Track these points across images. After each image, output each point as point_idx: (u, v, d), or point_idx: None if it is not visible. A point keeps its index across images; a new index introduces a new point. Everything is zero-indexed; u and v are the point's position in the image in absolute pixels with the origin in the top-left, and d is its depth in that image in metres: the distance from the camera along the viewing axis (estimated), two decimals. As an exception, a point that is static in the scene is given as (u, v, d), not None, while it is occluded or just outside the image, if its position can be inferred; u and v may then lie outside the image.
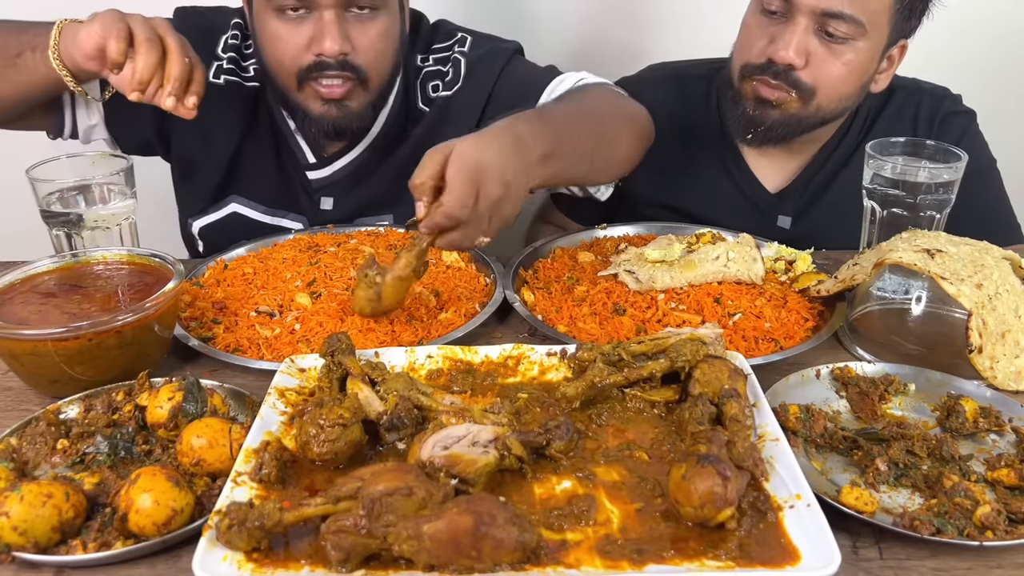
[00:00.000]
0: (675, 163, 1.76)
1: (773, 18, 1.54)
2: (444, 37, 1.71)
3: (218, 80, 1.63)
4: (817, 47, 1.52)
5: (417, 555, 0.77)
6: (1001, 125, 1.84)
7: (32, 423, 1.01)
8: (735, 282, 1.33)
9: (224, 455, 0.92)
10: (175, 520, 0.85)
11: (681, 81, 1.81)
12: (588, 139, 1.36)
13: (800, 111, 1.57)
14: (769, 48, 1.54)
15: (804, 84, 1.53)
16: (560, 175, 1.32)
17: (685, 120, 1.76)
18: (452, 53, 1.67)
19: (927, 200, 1.34)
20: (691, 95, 1.79)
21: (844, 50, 1.51)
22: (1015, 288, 1.19)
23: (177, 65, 1.29)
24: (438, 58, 1.69)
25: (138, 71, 1.27)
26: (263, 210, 1.71)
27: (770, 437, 0.94)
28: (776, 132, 1.60)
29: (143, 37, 1.28)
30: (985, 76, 2.21)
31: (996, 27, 2.27)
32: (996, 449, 1.01)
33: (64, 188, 1.34)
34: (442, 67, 1.67)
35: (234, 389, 1.07)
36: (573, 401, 1.02)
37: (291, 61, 1.48)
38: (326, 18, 1.43)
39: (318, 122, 1.53)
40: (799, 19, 1.50)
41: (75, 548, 0.83)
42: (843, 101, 1.59)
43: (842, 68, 1.53)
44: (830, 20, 1.49)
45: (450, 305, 1.31)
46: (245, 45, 1.66)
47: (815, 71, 1.53)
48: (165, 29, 1.31)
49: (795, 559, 0.78)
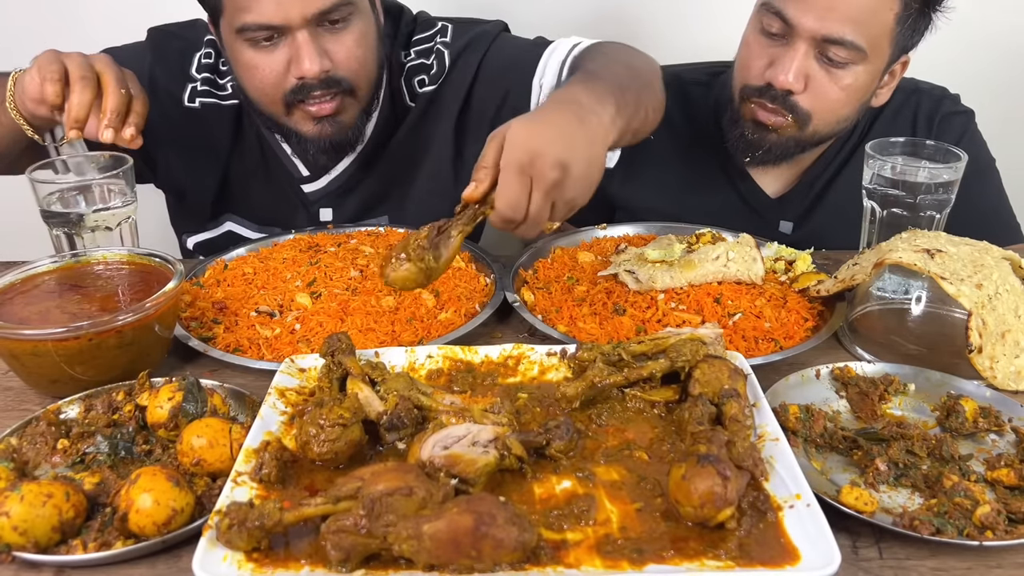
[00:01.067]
0: (674, 170, 1.76)
1: (773, 40, 1.53)
2: (424, 27, 1.67)
3: (193, 104, 1.61)
4: (817, 71, 1.50)
5: (417, 555, 0.77)
6: (1000, 125, 1.84)
7: (32, 423, 1.01)
8: (735, 282, 1.33)
9: (224, 455, 0.92)
10: (175, 520, 0.85)
11: (679, 86, 1.80)
12: (635, 87, 1.32)
13: (797, 134, 1.57)
14: (768, 72, 1.53)
15: (801, 109, 1.53)
16: (628, 128, 1.26)
17: (683, 127, 1.76)
18: (435, 44, 1.65)
19: (927, 200, 1.34)
20: (689, 102, 1.78)
21: (843, 75, 1.50)
22: (1015, 288, 1.19)
23: (113, 98, 1.28)
24: (420, 50, 1.65)
25: (72, 109, 1.28)
26: (257, 228, 1.71)
27: (770, 437, 0.94)
28: (774, 154, 1.60)
29: (77, 76, 1.28)
30: (981, 76, 2.21)
31: (991, 27, 2.27)
32: (996, 449, 1.01)
33: (64, 188, 1.34)
34: (425, 60, 1.64)
35: (234, 389, 1.07)
36: (573, 401, 1.02)
37: (273, 88, 1.45)
38: (300, 39, 1.39)
39: (315, 142, 1.51)
40: (799, 44, 1.48)
41: (75, 548, 0.83)
42: (840, 123, 1.58)
43: (840, 93, 1.52)
44: (830, 46, 1.47)
45: (450, 305, 1.31)
46: (221, 62, 1.63)
47: (813, 96, 1.52)
48: (103, 64, 1.31)
49: (795, 559, 0.78)
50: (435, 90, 1.63)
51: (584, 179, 1.09)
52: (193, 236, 1.73)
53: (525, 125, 1.06)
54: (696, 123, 1.76)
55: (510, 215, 1.05)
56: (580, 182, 1.09)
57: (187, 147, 1.57)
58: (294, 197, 1.69)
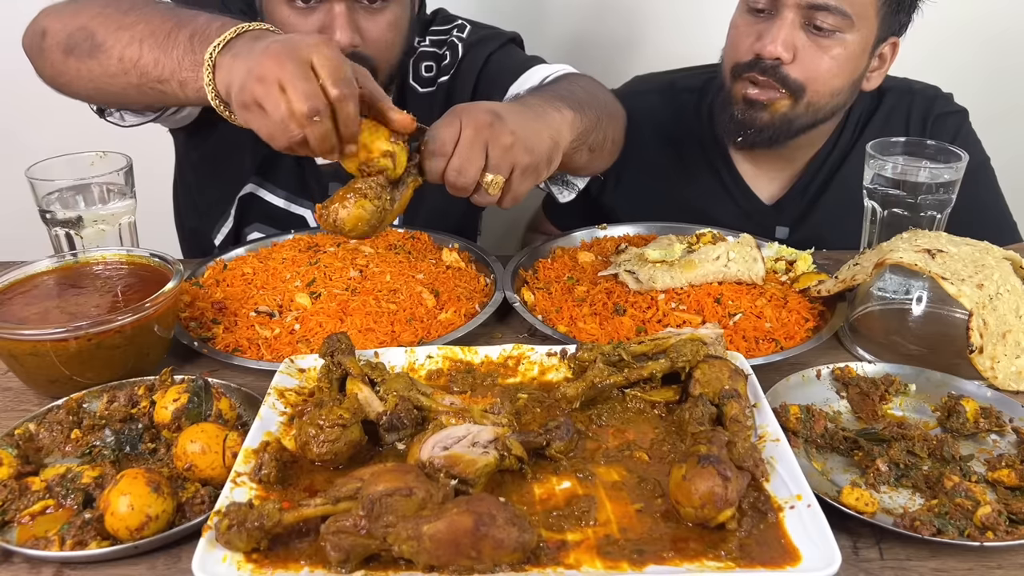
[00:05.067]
0: (667, 176, 1.76)
1: (760, 16, 1.55)
2: (443, 21, 1.72)
3: None
4: (804, 41, 1.51)
5: (417, 555, 0.77)
6: (995, 125, 1.84)
7: (53, 410, 1.03)
8: (735, 282, 1.33)
9: (216, 462, 0.92)
10: (148, 527, 0.84)
11: (672, 93, 1.81)
12: (596, 107, 1.36)
13: (790, 111, 1.56)
14: (756, 44, 1.54)
15: (793, 80, 1.53)
16: (584, 138, 1.31)
17: (677, 132, 1.77)
18: (450, 37, 1.69)
19: (928, 200, 1.34)
20: (683, 107, 1.78)
21: (832, 44, 1.51)
22: (1016, 288, 1.19)
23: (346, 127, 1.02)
24: (435, 40, 1.70)
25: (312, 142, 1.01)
26: (280, 193, 1.70)
27: (770, 437, 0.94)
28: (766, 135, 1.59)
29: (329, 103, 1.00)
30: (978, 76, 2.21)
31: (987, 27, 2.27)
32: (997, 449, 1.01)
33: (64, 188, 1.34)
34: (438, 50, 1.69)
35: (248, 393, 1.06)
36: (573, 401, 1.02)
37: None
38: (336, 10, 1.41)
39: None
40: (785, 13, 1.50)
41: (53, 544, 0.84)
42: (834, 97, 1.58)
43: (831, 62, 1.52)
44: (816, 13, 1.49)
45: (450, 305, 1.31)
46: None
47: (803, 66, 1.52)
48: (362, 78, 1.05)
49: (795, 559, 0.78)
50: (449, 80, 1.67)
51: (537, 152, 1.14)
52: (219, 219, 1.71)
53: (487, 103, 1.14)
54: (689, 127, 1.77)
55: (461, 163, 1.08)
56: (534, 154, 1.13)
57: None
58: (308, 168, 1.70)
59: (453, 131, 1.09)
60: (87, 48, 1.22)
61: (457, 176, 1.09)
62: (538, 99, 1.26)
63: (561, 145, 1.21)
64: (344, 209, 1.03)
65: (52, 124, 1.98)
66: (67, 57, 1.25)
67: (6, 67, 1.38)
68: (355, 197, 1.03)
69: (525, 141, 1.12)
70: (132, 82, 1.20)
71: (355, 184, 1.04)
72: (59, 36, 1.26)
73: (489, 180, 1.10)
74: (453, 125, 1.09)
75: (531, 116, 1.18)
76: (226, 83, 1.06)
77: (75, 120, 1.68)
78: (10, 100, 2.24)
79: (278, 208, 1.69)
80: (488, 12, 1.96)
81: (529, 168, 1.13)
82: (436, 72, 1.69)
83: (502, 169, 1.11)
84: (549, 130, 1.19)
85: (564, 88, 1.38)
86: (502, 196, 1.13)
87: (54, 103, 1.42)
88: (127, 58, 1.18)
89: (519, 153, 1.11)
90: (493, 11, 2.11)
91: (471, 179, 1.09)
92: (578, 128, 1.27)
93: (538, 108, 1.21)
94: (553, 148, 1.18)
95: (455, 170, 1.09)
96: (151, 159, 1.71)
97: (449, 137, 1.08)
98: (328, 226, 1.04)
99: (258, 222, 1.70)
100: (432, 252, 1.48)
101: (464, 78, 1.67)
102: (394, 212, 1.08)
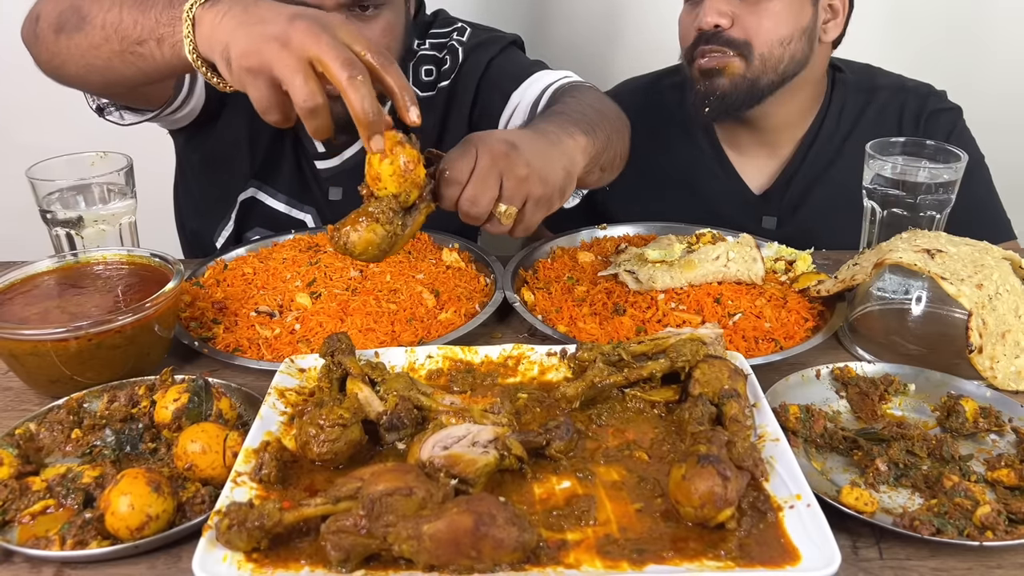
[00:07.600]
0: (656, 169, 1.77)
1: (696, 3, 1.60)
2: (443, 24, 1.72)
3: None
4: (739, 6, 1.56)
5: (417, 555, 0.77)
6: (991, 124, 1.84)
7: (54, 410, 1.03)
8: (735, 282, 1.33)
9: (216, 462, 0.92)
10: (148, 527, 0.84)
11: (656, 91, 1.84)
12: (605, 127, 1.37)
13: (747, 71, 1.59)
14: (695, 24, 1.60)
15: (737, 40, 1.57)
16: (596, 160, 1.32)
17: (664, 129, 1.79)
18: (450, 40, 1.69)
19: (927, 200, 1.34)
20: (668, 104, 1.81)
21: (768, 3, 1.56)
22: (1015, 288, 1.19)
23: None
24: (435, 43, 1.70)
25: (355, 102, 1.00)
26: (280, 197, 1.70)
27: (770, 437, 0.94)
28: (731, 100, 1.61)
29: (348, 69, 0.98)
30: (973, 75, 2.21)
31: (984, 27, 2.27)
32: (996, 449, 1.01)
33: (64, 188, 1.34)
34: (437, 53, 1.69)
35: (249, 393, 1.06)
36: (573, 401, 1.02)
37: None
38: None
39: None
40: None
41: (53, 544, 0.84)
42: (785, 46, 1.59)
43: (771, 18, 1.56)
44: None
45: (450, 305, 1.31)
46: None
47: (743, 25, 1.57)
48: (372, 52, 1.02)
49: (795, 559, 0.78)
50: (450, 85, 1.67)
51: (551, 183, 1.13)
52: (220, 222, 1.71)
53: (503, 132, 1.13)
54: (676, 123, 1.79)
55: (475, 193, 1.07)
56: (548, 185, 1.12)
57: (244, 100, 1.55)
58: (309, 171, 1.70)
59: (469, 160, 1.08)
60: (75, 22, 1.22)
61: (471, 205, 1.09)
62: (552, 125, 1.25)
63: (574, 174, 1.21)
64: (356, 232, 1.03)
65: (52, 124, 1.98)
66: (58, 36, 1.25)
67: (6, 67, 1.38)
68: (367, 221, 1.03)
69: (540, 172, 1.12)
70: (115, 49, 1.18)
71: (367, 207, 1.05)
72: (51, 17, 1.26)
73: (502, 210, 1.10)
74: (469, 154, 1.09)
75: (546, 144, 1.18)
76: (220, 42, 1.01)
77: (75, 120, 1.68)
78: (10, 100, 2.24)
79: (279, 212, 1.69)
80: (488, 12, 1.97)
81: (543, 199, 1.13)
82: (436, 76, 1.68)
83: (515, 200, 1.10)
84: (563, 159, 1.18)
85: (575, 109, 1.38)
86: (514, 226, 1.13)
87: (54, 103, 1.42)
88: (108, 23, 1.17)
89: (533, 184, 1.11)
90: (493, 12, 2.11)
91: (484, 208, 1.09)
92: (590, 153, 1.27)
93: (552, 136, 1.21)
94: (567, 179, 1.18)
95: (469, 199, 1.08)
96: (151, 159, 1.71)
97: (465, 166, 1.08)
98: (339, 248, 1.04)
99: (259, 226, 1.70)
100: (432, 252, 1.49)
101: (465, 83, 1.66)
102: (405, 237, 1.07)
